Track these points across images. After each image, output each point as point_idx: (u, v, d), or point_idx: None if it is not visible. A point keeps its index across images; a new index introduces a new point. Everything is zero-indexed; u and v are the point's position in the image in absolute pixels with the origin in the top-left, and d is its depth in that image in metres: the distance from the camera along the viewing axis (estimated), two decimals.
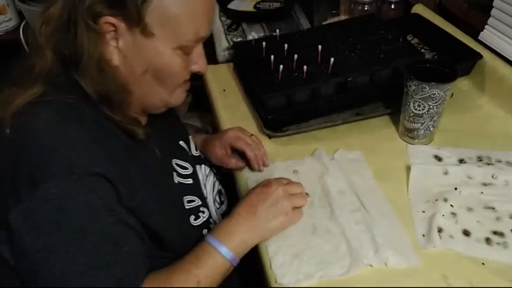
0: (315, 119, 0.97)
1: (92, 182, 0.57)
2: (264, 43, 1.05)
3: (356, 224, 0.75)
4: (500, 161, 0.86)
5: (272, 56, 0.99)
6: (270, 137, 0.95)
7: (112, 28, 0.61)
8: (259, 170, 0.87)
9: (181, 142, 0.84)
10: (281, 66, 0.95)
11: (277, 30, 1.13)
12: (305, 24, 1.36)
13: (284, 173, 0.86)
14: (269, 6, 1.43)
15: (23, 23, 1.46)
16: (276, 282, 0.68)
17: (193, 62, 0.70)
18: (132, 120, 0.68)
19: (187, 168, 0.80)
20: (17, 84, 0.62)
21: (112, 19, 0.60)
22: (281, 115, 0.95)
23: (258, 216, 0.71)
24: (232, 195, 0.90)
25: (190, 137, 0.88)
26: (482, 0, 1.03)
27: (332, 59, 0.95)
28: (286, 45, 1.03)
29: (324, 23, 1.34)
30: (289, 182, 0.77)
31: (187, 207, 0.76)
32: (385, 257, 0.69)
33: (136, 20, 0.60)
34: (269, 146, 0.93)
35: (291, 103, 0.96)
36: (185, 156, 0.83)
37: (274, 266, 0.70)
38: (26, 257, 0.57)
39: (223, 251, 0.68)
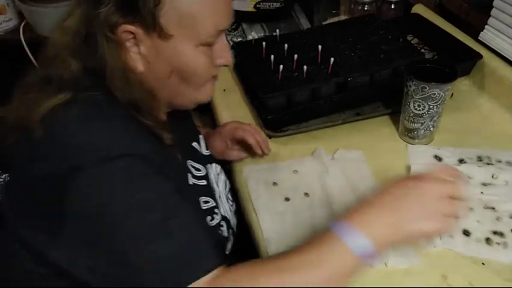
0: (315, 119, 0.97)
1: (144, 159, 0.57)
2: (264, 43, 1.05)
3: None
4: (500, 161, 0.86)
5: (272, 56, 0.99)
6: (270, 137, 0.95)
7: (131, 35, 0.61)
8: (264, 154, 0.88)
9: (194, 143, 0.84)
10: (281, 66, 0.95)
11: (277, 30, 1.13)
12: (305, 24, 1.36)
13: (284, 173, 0.86)
14: (269, 6, 1.43)
15: (23, 23, 1.46)
16: None
17: (218, 56, 0.69)
18: (162, 124, 0.67)
19: (200, 170, 0.80)
20: (35, 91, 0.61)
21: (129, 27, 0.60)
22: (281, 115, 0.95)
23: (402, 213, 0.56)
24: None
25: (200, 136, 0.88)
26: (482, 0, 1.03)
27: (332, 59, 0.95)
28: (286, 45, 1.03)
29: (324, 23, 1.34)
30: (449, 182, 0.59)
31: (203, 207, 0.76)
32: (385, 257, 0.69)
33: (152, 24, 0.60)
34: (269, 146, 0.92)
35: (291, 103, 0.96)
36: (198, 157, 0.82)
37: None
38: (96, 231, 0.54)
39: (361, 244, 0.53)
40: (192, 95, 0.70)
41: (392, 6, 1.31)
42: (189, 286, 0.52)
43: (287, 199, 0.82)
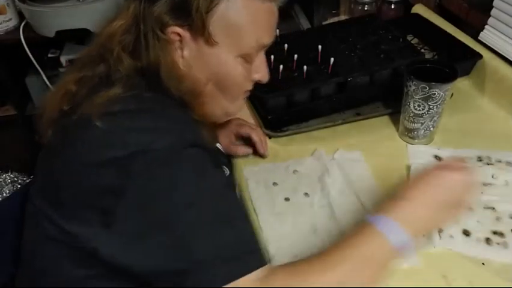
0: (315, 119, 0.97)
1: (206, 150, 0.59)
2: None
3: (356, 224, 0.75)
4: (500, 161, 0.86)
5: (272, 56, 0.98)
6: (270, 137, 0.95)
7: (178, 38, 0.62)
8: (264, 156, 0.89)
9: (218, 144, 0.85)
10: (281, 66, 0.95)
11: (277, 30, 1.12)
12: (305, 24, 1.36)
13: (284, 173, 0.86)
14: None
15: (23, 23, 1.46)
16: None
17: (255, 71, 0.70)
18: (205, 122, 0.68)
19: (225, 172, 0.80)
20: (87, 85, 0.62)
21: (178, 29, 0.61)
22: (281, 115, 0.95)
23: (435, 205, 0.61)
24: None
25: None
26: (482, 0, 1.03)
27: (332, 59, 0.95)
28: (286, 45, 1.03)
29: (324, 23, 1.34)
30: (468, 170, 0.64)
31: None
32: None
33: (201, 29, 0.61)
34: (269, 146, 0.93)
35: (291, 103, 0.96)
36: (223, 159, 0.83)
37: None
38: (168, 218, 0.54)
39: (399, 236, 0.57)
40: (224, 105, 0.71)
41: (392, 6, 1.31)
42: (243, 278, 0.52)
43: (287, 199, 0.82)
